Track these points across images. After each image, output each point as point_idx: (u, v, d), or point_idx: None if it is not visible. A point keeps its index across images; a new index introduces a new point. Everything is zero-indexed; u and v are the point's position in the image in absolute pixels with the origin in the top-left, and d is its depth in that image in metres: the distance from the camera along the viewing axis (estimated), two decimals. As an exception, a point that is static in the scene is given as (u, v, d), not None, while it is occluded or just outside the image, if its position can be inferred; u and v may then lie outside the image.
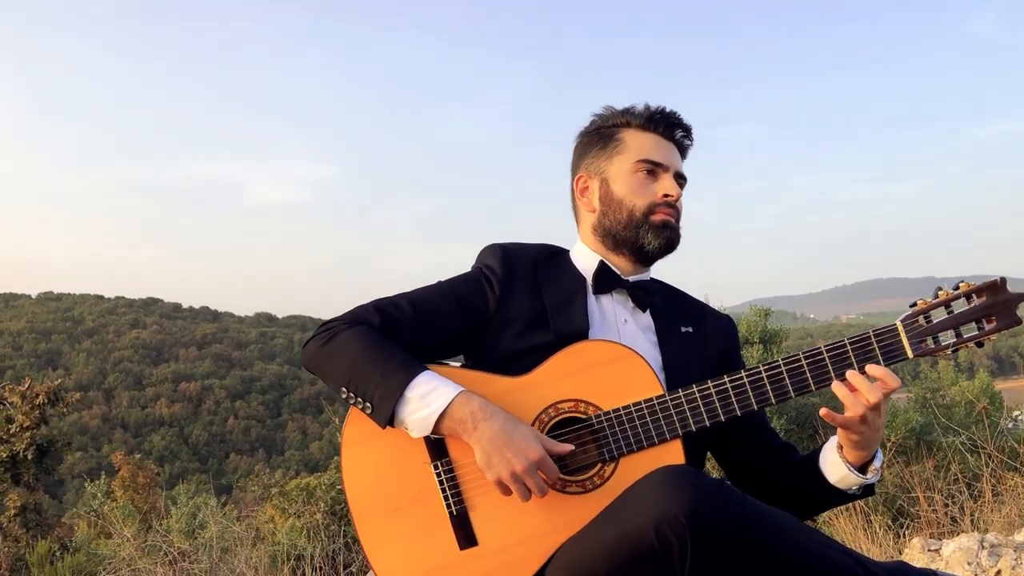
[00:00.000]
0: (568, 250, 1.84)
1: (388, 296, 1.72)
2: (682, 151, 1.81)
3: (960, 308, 1.57)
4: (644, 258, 1.76)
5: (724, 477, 1.86)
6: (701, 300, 1.91)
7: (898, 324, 1.57)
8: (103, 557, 6.35)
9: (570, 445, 1.55)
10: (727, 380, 1.58)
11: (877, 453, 1.63)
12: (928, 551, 3.16)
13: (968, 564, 2.96)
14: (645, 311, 1.77)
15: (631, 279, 1.77)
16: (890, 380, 1.51)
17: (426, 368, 1.58)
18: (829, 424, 1.55)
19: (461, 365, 1.70)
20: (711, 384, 1.58)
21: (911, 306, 1.58)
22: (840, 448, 1.62)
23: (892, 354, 1.55)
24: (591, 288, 1.75)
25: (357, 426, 1.63)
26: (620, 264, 1.77)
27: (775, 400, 1.58)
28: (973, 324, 1.56)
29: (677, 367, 1.71)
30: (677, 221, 1.75)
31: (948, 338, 1.56)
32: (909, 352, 1.55)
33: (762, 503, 1.38)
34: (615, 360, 1.61)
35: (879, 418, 1.54)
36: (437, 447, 1.59)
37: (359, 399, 1.57)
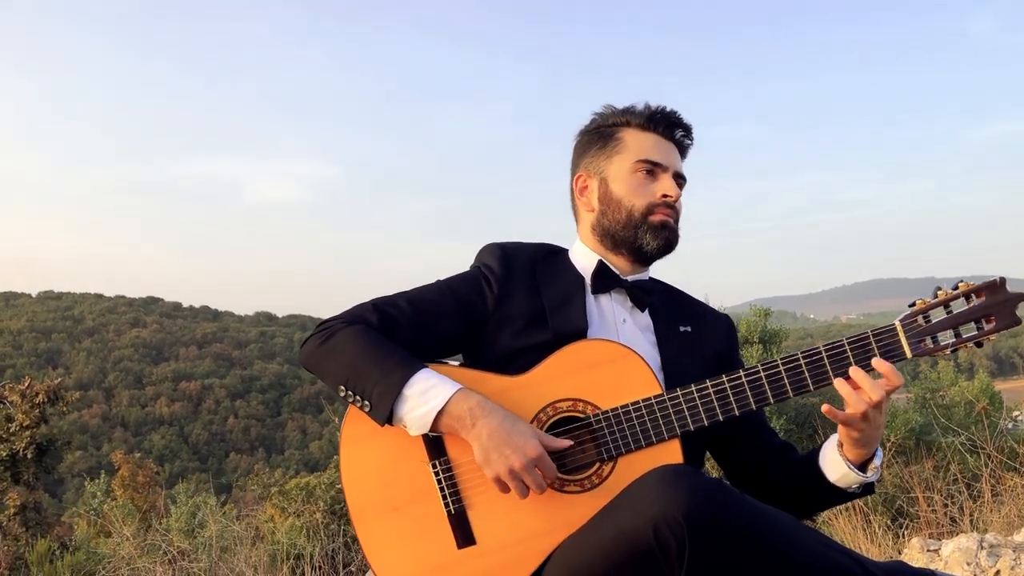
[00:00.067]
0: (567, 249, 1.84)
1: (387, 295, 1.72)
2: (682, 151, 1.81)
3: (959, 308, 1.57)
4: (642, 258, 1.76)
5: (723, 477, 1.86)
6: (700, 300, 1.91)
7: (897, 324, 1.56)
8: (103, 556, 6.34)
9: (568, 440, 1.55)
10: (726, 380, 1.58)
11: (877, 451, 1.63)
12: (927, 551, 3.15)
13: (967, 564, 2.96)
14: (644, 311, 1.77)
15: (630, 279, 1.77)
16: (894, 377, 1.52)
17: (425, 366, 1.58)
18: (829, 424, 1.55)
19: (460, 364, 1.69)
20: (710, 384, 1.58)
21: (910, 306, 1.58)
22: (840, 446, 1.62)
23: (891, 354, 1.55)
24: (590, 288, 1.75)
25: (356, 425, 1.63)
26: (619, 264, 1.77)
27: (773, 400, 1.58)
28: (972, 324, 1.56)
29: (676, 367, 1.71)
30: (676, 222, 1.75)
31: (947, 338, 1.56)
32: (908, 352, 1.55)
33: (761, 503, 1.38)
34: (614, 359, 1.61)
35: (880, 415, 1.54)
36: (435, 446, 1.59)
37: (357, 397, 1.57)
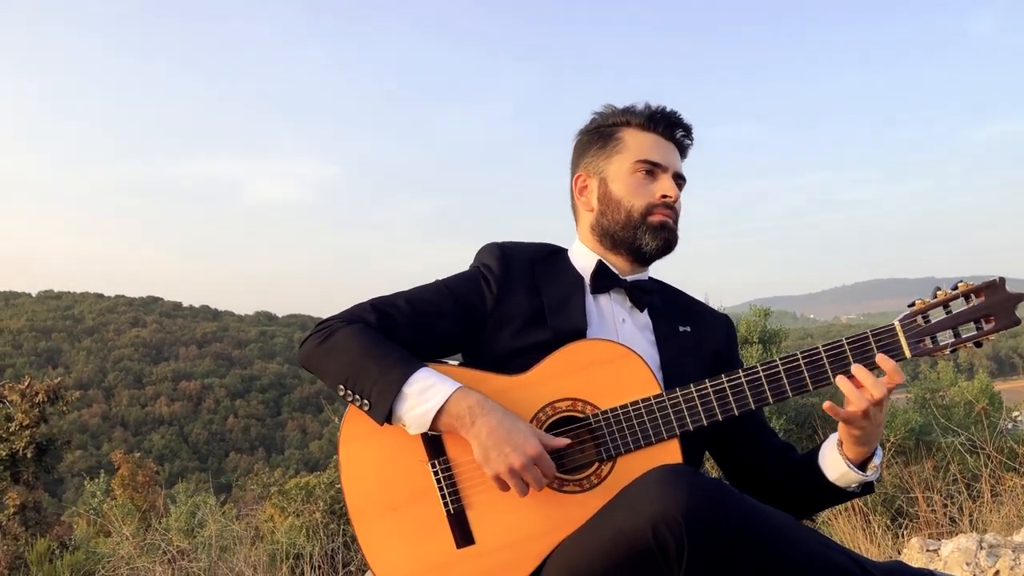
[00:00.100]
0: (566, 249, 1.83)
1: (385, 295, 1.72)
2: (682, 151, 1.80)
3: (959, 308, 1.56)
4: (641, 258, 1.76)
5: (722, 477, 1.86)
6: (700, 300, 1.91)
7: (896, 324, 1.56)
8: (102, 555, 6.34)
9: (566, 439, 1.55)
10: (725, 380, 1.58)
11: (877, 450, 1.63)
12: (927, 551, 3.15)
13: (966, 564, 2.95)
14: (643, 311, 1.77)
15: (629, 279, 1.77)
16: (896, 375, 1.51)
17: (424, 365, 1.58)
18: (828, 423, 1.55)
19: (459, 364, 1.69)
20: (709, 384, 1.58)
21: (909, 306, 1.58)
22: (840, 444, 1.62)
23: (890, 354, 1.55)
24: (589, 287, 1.75)
25: (355, 424, 1.63)
26: (618, 264, 1.77)
27: (773, 400, 1.58)
28: (972, 324, 1.56)
29: (675, 366, 1.71)
30: (675, 222, 1.75)
31: (946, 338, 1.56)
32: (907, 352, 1.55)
33: (760, 503, 1.38)
34: (613, 359, 1.61)
35: (881, 414, 1.55)
36: (434, 445, 1.58)
37: (357, 396, 1.57)
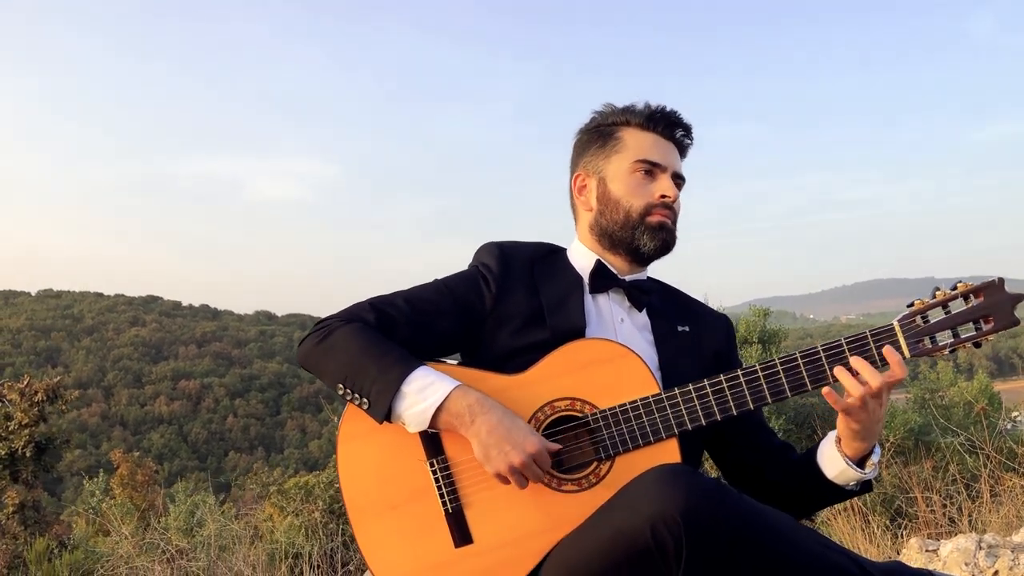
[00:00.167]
0: (565, 249, 1.83)
1: (384, 294, 1.72)
2: (682, 151, 1.80)
3: (958, 308, 1.57)
4: (640, 258, 1.76)
5: (721, 477, 1.86)
6: (699, 300, 1.91)
7: (895, 324, 1.56)
8: (101, 555, 6.34)
9: (558, 445, 1.55)
10: (724, 380, 1.58)
11: (875, 448, 1.63)
12: (926, 551, 3.15)
13: (965, 565, 2.96)
14: (642, 310, 1.77)
15: (628, 278, 1.77)
16: (898, 369, 1.52)
17: (423, 363, 1.58)
18: (828, 424, 1.55)
19: (458, 363, 1.69)
20: (708, 384, 1.58)
21: (908, 306, 1.58)
22: (838, 442, 1.62)
23: (889, 354, 1.55)
24: (588, 287, 1.75)
25: (353, 423, 1.62)
26: (617, 263, 1.77)
27: (771, 400, 1.58)
28: (971, 324, 1.56)
29: (673, 366, 1.71)
30: (674, 222, 1.75)
31: (945, 338, 1.56)
32: (906, 352, 1.55)
33: (759, 503, 1.38)
34: (611, 359, 1.61)
35: (880, 408, 1.54)
36: (433, 445, 1.58)
37: (356, 395, 1.57)
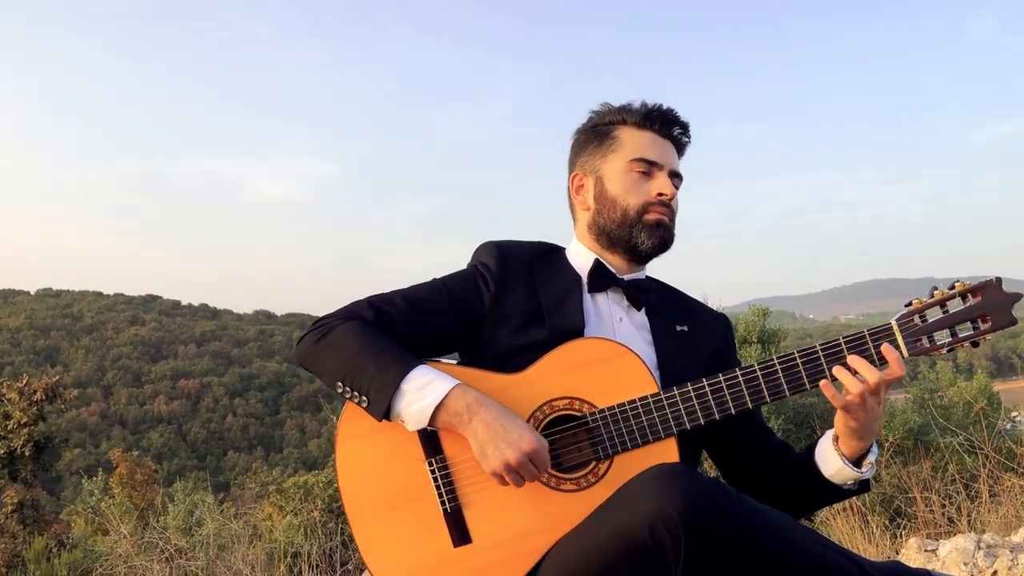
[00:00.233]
0: (564, 248, 1.83)
1: (383, 293, 1.72)
2: (680, 149, 1.80)
3: (955, 308, 1.57)
4: (638, 257, 1.76)
5: (719, 476, 1.86)
6: (698, 299, 1.91)
7: (893, 323, 1.57)
8: (100, 554, 6.34)
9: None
10: (722, 379, 1.58)
11: (872, 447, 1.63)
12: (925, 551, 3.16)
13: (964, 565, 2.96)
14: (640, 310, 1.77)
15: (626, 278, 1.77)
16: (897, 367, 1.52)
17: (422, 362, 1.58)
18: (827, 424, 1.54)
19: (457, 362, 1.69)
20: (706, 383, 1.58)
21: (906, 305, 1.58)
22: (836, 440, 1.62)
23: (887, 353, 1.55)
24: (586, 286, 1.75)
25: (352, 422, 1.62)
26: (615, 263, 1.77)
27: (770, 399, 1.58)
28: (968, 324, 1.57)
29: (672, 366, 1.70)
30: (671, 220, 1.75)
31: (943, 337, 1.57)
32: (904, 351, 1.55)
33: (757, 502, 1.38)
34: (610, 358, 1.61)
35: (878, 406, 1.55)
36: (432, 444, 1.58)
37: (355, 393, 1.57)
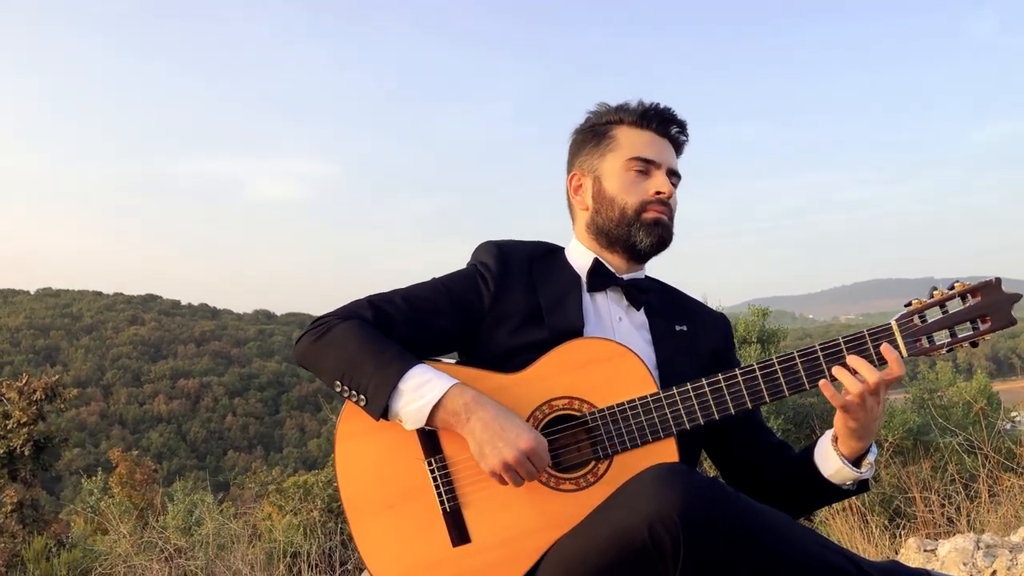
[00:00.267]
0: (563, 248, 1.83)
1: (382, 292, 1.72)
2: (677, 147, 1.80)
3: (955, 308, 1.57)
4: (637, 256, 1.76)
5: (718, 476, 1.86)
6: (697, 299, 1.91)
7: (893, 323, 1.57)
8: (99, 553, 6.34)
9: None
10: (722, 379, 1.58)
11: (871, 447, 1.63)
12: (924, 551, 3.16)
13: (964, 564, 2.96)
14: (639, 309, 1.77)
15: (625, 277, 1.77)
16: (896, 367, 1.52)
17: (421, 361, 1.58)
18: (826, 424, 1.54)
19: (456, 362, 1.69)
20: (705, 382, 1.58)
21: (906, 305, 1.58)
22: (835, 440, 1.62)
23: (887, 353, 1.54)
24: (585, 285, 1.75)
25: (351, 422, 1.62)
26: (614, 262, 1.77)
27: (769, 398, 1.58)
28: (968, 324, 1.57)
29: (671, 365, 1.70)
30: (670, 219, 1.75)
31: (943, 338, 1.57)
32: (904, 351, 1.55)
33: (756, 502, 1.38)
34: (609, 358, 1.61)
35: (878, 406, 1.55)
36: (431, 443, 1.58)
37: (353, 392, 1.57)
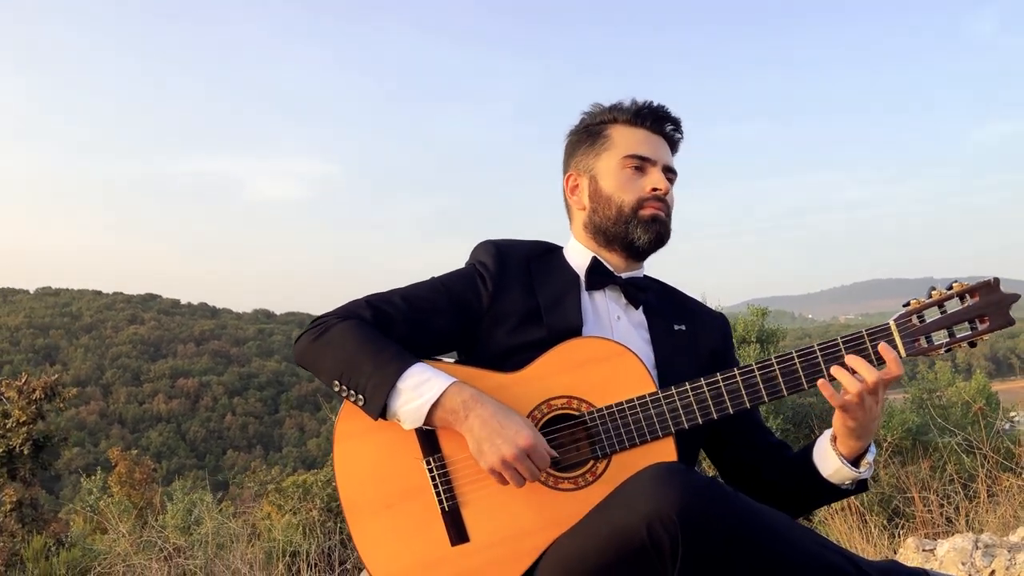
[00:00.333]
0: (562, 247, 1.83)
1: (381, 292, 1.72)
2: (672, 145, 1.80)
3: (953, 308, 1.57)
4: (635, 253, 1.76)
5: (717, 475, 1.86)
6: (696, 298, 1.91)
7: (891, 323, 1.57)
8: (98, 552, 6.35)
9: (554, 452, 1.54)
10: (720, 378, 1.58)
11: (870, 447, 1.63)
12: (923, 551, 3.16)
13: (962, 564, 2.96)
14: (638, 308, 1.77)
15: (624, 275, 1.77)
16: (894, 366, 1.52)
17: (419, 360, 1.58)
18: (825, 424, 1.54)
19: (454, 361, 1.69)
20: (704, 382, 1.58)
21: (904, 305, 1.58)
22: (834, 440, 1.63)
23: (885, 353, 1.55)
24: (584, 284, 1.75)
25: (350, 421, 1.62)
26: (613, 260, 1.77)
27: (768, 398, 1.58)
28: (966, 324, 1.57)
29: (670, 365, 1.70)
30: (667, 215, 1.75)
31: (941, 338, 1.57)
32: (902, 351, 1.55)
33: (755, 501, 1.39)
34: (608, 357, 1.61)
35: (876, 405, 1.55)
36: (430, 443, 1.58)
37: (351, 391, 1.57)
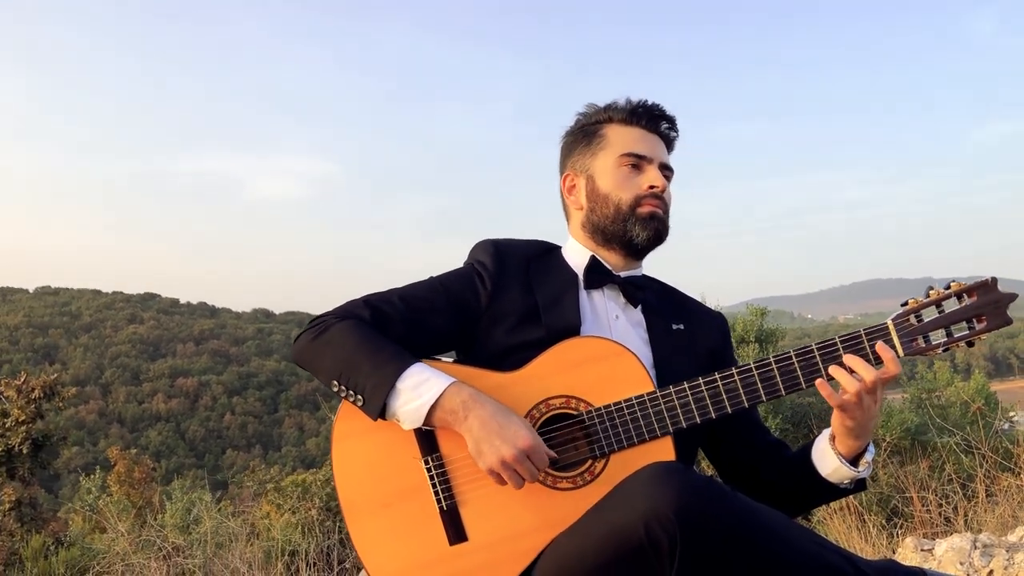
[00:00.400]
0: (560, 247, 1.83)
1: (379, 291, 1.72)
2: (668, 143, 1.80)
3: (951, 307, 1.57)
4: (634, 251, 1.76)
5: (715, 475, 1.86)
6: (694, 298, 1.91)
7: (889, 323, 1.57)
8: (97, 552, 6.35)
9: (554, 453, 1.55)
10: (718, 377, 1.59)
11: (869, 446, 1.63)
12: (921, 551, 3.16)
13: (960, 564, 2.96)
14: (637, 307, 1.77)
15: (622, 274, 1.77)
16: (892, 365, 1.53)
17: (418, 360, 1.58)
18: (824, 423, 1.54)
19: (453, 361, 1.69)
20: (702, 381, 1.58)
21: (902, 305, 1.59)
22: (832, 439, 1.63)
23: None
24: (582, 283, 1.75)
25: (348, 421, 1.62)
26: (611, 259, 1.77)
27: (766, 397, 1.59)
28: (964, 323, 1.57)
29: (668, 364, 1.71)
30: (665, 212, 1.75)
31: (939, 337, 1.57)
32: (900, 350, 1.55)
33: (753, 501, 1.39)
34: (607, 356, 1.61)
35: (875, 404, 1.55)
36: (428, 442, 1.58)
37: (350, 391, 1.57)
